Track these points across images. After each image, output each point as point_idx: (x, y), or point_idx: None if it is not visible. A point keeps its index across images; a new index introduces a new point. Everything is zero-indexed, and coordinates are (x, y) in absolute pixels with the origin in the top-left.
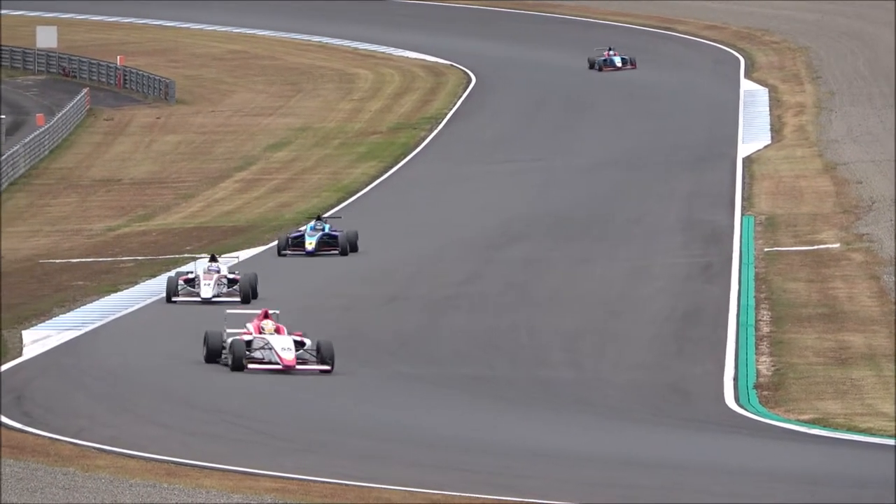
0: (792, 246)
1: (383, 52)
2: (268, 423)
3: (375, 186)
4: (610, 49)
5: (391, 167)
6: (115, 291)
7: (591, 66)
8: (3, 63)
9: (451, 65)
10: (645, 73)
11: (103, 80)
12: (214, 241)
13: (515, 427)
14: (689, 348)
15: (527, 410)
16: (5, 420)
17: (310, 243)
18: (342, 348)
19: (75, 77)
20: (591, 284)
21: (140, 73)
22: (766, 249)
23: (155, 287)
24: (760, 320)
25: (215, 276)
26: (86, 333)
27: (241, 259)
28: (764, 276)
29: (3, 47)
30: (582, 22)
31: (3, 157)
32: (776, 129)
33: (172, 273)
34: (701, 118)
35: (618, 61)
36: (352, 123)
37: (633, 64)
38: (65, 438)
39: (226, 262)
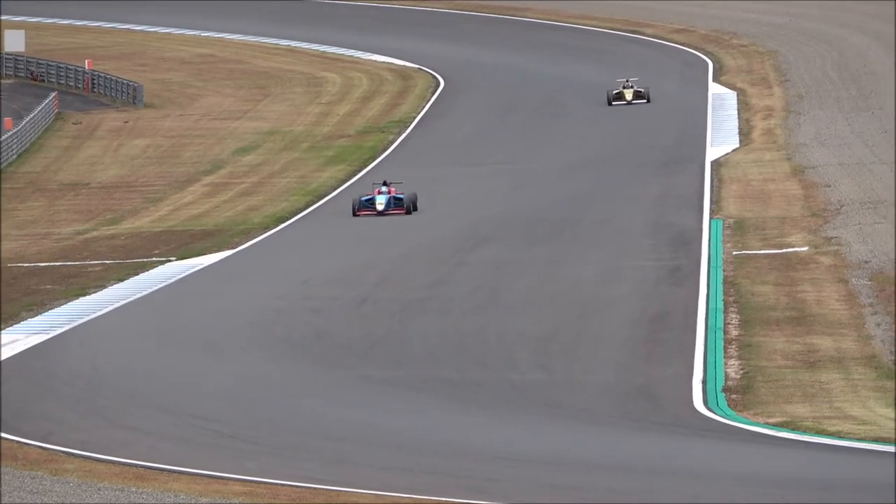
0: (760, 249)
1: (351, 56)
2: (236, 427)
3: (344, 190)
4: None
5: (359, 171)
6: (84, 295)
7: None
8: None
9: (420, 68)
10: (613, 77)
11: (71, 83)
12: (183, 245)
13: (485, 430)
14: (658, 351)
15: (496, 413)
16: None
17: None
18: (312, 351)
19: (43, 81)
20: (560, 287)
21: (108, 76)
22: (734, 253)
23: (123, 291)
24: (729, 323)
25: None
26: (54, 337)
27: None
28: (732, 279)
29: None
30: (549, 25)
31: None
32: (744, 133)
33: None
34: (669, 121)
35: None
36: (320, 127)
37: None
38: (33, 442)
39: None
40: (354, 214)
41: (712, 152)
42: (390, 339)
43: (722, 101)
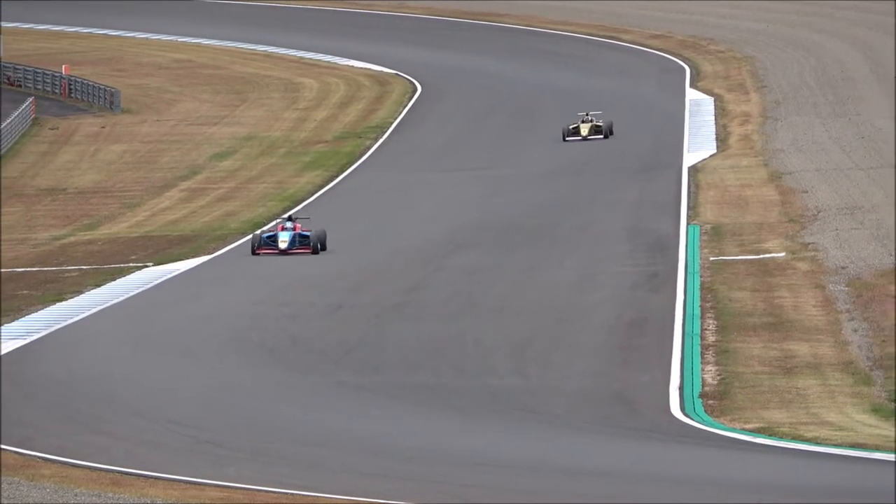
0: (737, 255)
1: (328, 61)
2: (213, 432)
3: (321, 195)
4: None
5: (336, 176)
6: (61, 301)
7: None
8: None
9: (397, 74)
10: (591, 82)
11: (48, 89)
12: (160, 250)
13: (461, 435)
14: (635, 357)
15: (473, 419)
16: None
17: None
18: (288, 357)
19: (20, 86)
20: (537, 293)
21: (85, 82)
22: (711, 258)
23: (100, 296)
24: (706, 329)
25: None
26: (31, 343)
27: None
28: (709, 285)
29: None
30: (527, 31)
31: None
32: (721, 139)
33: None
34: (647, 127)
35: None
36: (297, 132)
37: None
38: (10, 448)
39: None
40: (253, 253)
41: (689, 158)
42: (366, 345)
43: (699, 107)
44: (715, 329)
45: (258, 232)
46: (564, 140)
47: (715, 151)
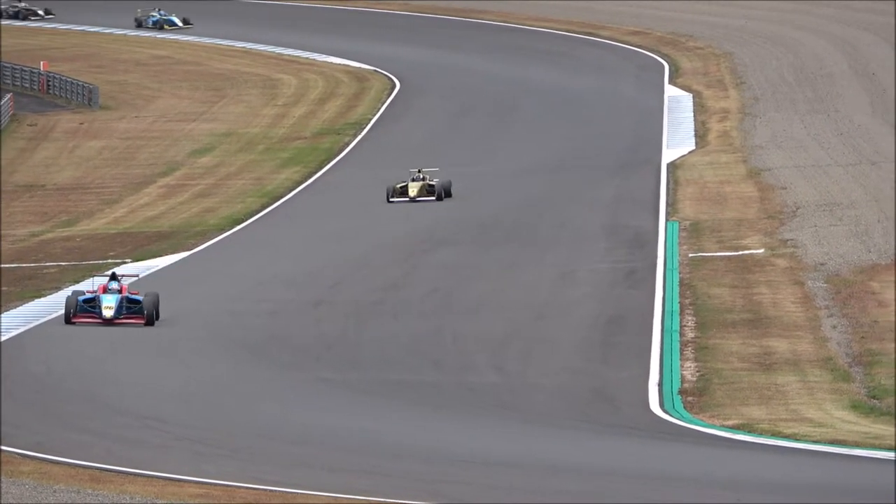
0: (716, 251)
1: (307, 58)
2: (192, 429)
3: (299, 192)
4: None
5: (315, 172)
6: (39, 297)
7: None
8: None
9: (375, 70)
10: (570, 79)
11: (27, 85)
12: (139, 247)
13: (441, 432)
14: (615, 354)
15: (452, 415)
16: None
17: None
18: (267, 353)
19: None
20: (516, 290)
21: (63, 78)
22: (690, 255)
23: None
24: (685, 326)
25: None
26: (9, 339)
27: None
28: (688, 281)
29: None
30: (506, 27)
31: None
32: (700, 135)
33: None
34: (626, 124)
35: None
36: (276, 129)
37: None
38: None
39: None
40: (68, 322)
41: (668, 154)
42: (346, 342)
43: (678, 104)
44: (694, 325)
45: (73, 293)
46: (388, 201)
47: (694, 148)
